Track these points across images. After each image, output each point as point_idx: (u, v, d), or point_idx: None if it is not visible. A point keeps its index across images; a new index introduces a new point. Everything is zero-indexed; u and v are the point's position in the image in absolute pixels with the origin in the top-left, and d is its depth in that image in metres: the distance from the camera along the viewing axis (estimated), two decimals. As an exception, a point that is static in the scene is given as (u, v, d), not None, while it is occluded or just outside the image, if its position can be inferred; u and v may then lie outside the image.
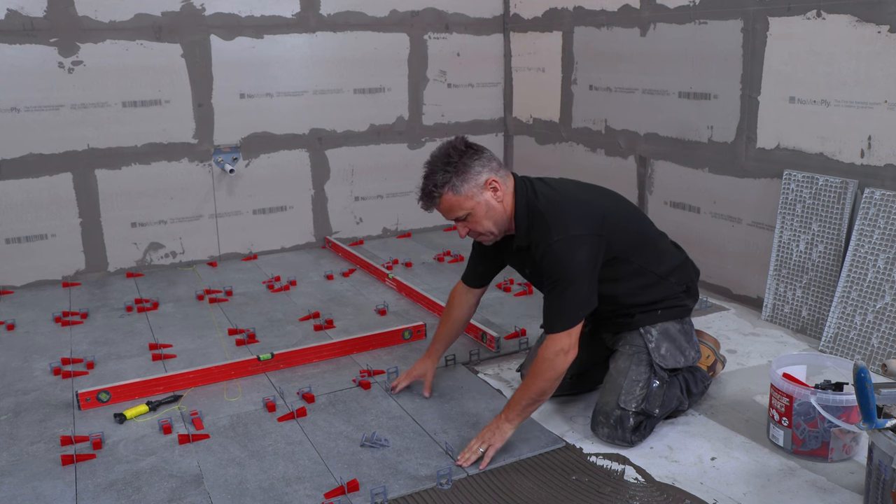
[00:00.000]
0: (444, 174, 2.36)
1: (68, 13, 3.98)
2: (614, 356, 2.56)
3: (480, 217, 2.39)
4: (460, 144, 2.41)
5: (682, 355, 2.51)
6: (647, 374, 2.44)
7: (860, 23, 2.96)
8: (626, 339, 2.55)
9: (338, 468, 2.32)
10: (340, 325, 3.50)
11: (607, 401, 2.42)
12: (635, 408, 2.38)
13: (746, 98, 3.46)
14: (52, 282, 4.19)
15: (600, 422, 2.42)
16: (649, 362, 2.46)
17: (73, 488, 2.26)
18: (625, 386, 2.42)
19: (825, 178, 3.14)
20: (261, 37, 4.42)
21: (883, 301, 2.89)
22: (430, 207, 2.42)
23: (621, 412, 2.38)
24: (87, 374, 3.04)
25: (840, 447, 2.29)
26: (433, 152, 2.45)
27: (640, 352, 2.49)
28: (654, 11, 3.91)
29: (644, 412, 2.39)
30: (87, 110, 4.11)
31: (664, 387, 2.46)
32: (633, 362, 2.47)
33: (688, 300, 2.59)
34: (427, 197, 2.39)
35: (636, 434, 2.40)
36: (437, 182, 2.36)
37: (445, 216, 2.43)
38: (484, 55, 5.10)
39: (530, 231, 2.39)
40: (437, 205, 2.40)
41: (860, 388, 1.81)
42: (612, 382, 2.46)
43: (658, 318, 2.52)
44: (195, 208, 4.46)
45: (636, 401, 2.39)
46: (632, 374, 2.44)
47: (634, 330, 2.54)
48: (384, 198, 4.98)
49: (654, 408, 2.42)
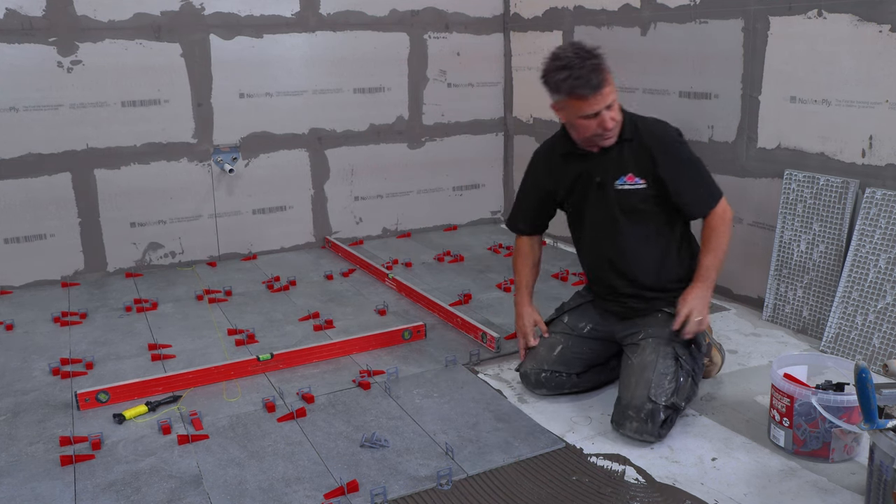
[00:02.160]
0: (594, 57, 2.41)
1: (67, 12, 3.97)
2: (634, 349, 2.55)
3: (618, 108, 2.49)
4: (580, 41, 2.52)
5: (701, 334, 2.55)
6: (674, 367, 2.45)
7: (861, 22, 2.95)
8: (645, 331, 2.56)
9: (337, 469, 2.32)
10: (340, 325, 3.50)
11: (637, 395, 2.40)
12: (665, 401, 2.38)
13: (747, 98, 3.46)
14: (51, 282, 4.18)
15: (630, 416, 2.39)
16: (675, 356, 2.47)
17: (72, 489, 2.25)
18: (654, 379, 2.41)
19: (826, 178, 3.13)
20: (260, 36, 4.42)
21: (884, 301, 2.88)
22: (597, 90, 2.39)
23: (653, 406, 2.37)
24: (87, 374, 3.04)
25: (841, 447, 2.28)
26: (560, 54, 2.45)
27: (664, 343, 2.49)
28: (654, 11, 3.90)
29: (673, 406, 2.40)
30: (87, 110, 4.10)
31: (689, 379, 2.47)
32: (659, 355, 2.46)
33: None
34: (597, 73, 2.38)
35: (664, 428, 2.39)
36: (598, 62, 2.40)
37: (602, 101, 2.42)
38: (484, 55, 5.09)
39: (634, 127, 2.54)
40: (604, 85, 2.40)
41: (861, 388, 1.81)
42: (639, 376, 2.44)
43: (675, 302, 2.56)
44: (194, 208, 4.45)
45: (666, 394, 2.39)
46: (660, 366, 2.44)
47: (653, 314, 2.58)
48: (384, 198, 4.97)
49: (682, 400, 2.43)
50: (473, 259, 4.49)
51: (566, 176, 2.67)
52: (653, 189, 2.53)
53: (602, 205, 2.60)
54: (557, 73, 2.41)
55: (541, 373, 2.68)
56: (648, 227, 2.58)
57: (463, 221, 5.25)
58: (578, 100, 2.41)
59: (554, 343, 2.72)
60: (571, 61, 2.39)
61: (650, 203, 2.55)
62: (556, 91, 2.45)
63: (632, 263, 2.60)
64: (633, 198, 2.55)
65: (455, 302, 3.70)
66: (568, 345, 2.70)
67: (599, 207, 2.61)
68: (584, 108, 2.43)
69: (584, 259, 2.80)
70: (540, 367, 2.68)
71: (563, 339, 2.72)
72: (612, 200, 2.57)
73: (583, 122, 2.47)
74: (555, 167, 2.70)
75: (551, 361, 2.68)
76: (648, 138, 2.52)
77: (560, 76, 2.41)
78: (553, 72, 2.43)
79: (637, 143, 2.53)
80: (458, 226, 5.23)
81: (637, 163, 2.53)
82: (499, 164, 5.31)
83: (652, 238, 2.59)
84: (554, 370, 2.67)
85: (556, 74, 2.42)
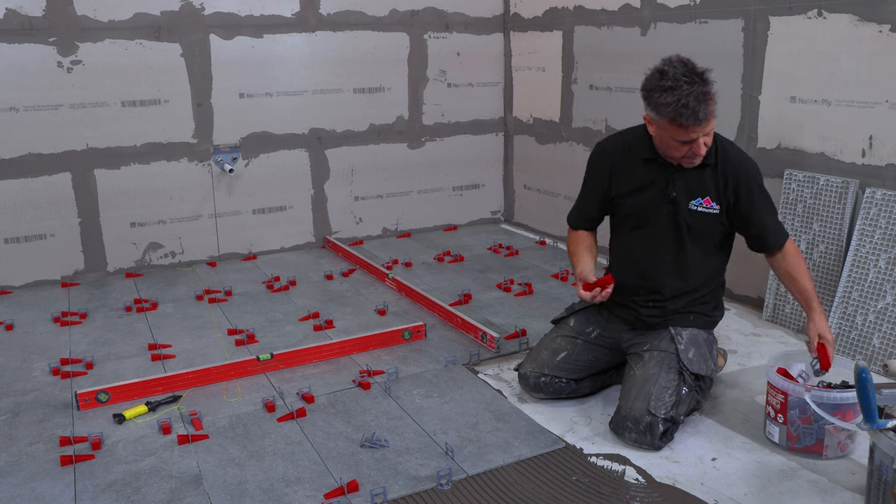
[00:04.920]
0: (703, 83, 2.29)
1: (67, 12, 3.97)
2: (638, 359, 2.54)
3: (712, 134, 2.42)
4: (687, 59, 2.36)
5: (706, 364, 2.53)
6: (676, 380, 2.44)
7: (861, 22, 2.95)
8: (651, 343, 2.55)
9: (337, 469, 2.31)
10: (340, 325, 3.50)
11: (636, 406, 2.39)
12: (664, 414, 2.37)
13: (747, 97, 3.45)
14: (51, 282, 4.18)
15: (629, 427, 2.39)
16: (679, 370, 2.46)
17: (72, 489, 2.25)
18: (655, 392, 2.40)
19: (826, 178, 3.13)
20: (260, 36, 4.41)
21: (884, 301, 2.88)
22: (706, 119, 2.30)
23: (651, 419, 2.36)
24: (86, 374, 3.03)
25: (835, 444, 2.29)
26: (667, 72, 2.31)
27: (669, 357, 2.48)
28: (654, 11, 3.90)
29: (672, 419, 2.39)
30: (87, 110, 4.10)
31: (692, 394, 2.47)
32: (662, 368, 2.45)
33: (717, 313, 2.67)
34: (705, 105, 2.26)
35: (663, 440, 2.39)
36: (707, 90, 2.28)
37: (702, 131, 2.32)
38: (484, 55, 5.09)
39: (717, 153, 2.47)
40: (710, 118, 2.30)
41: (861, 388, 1.81)
42: (640, 388, 2.43)
43: (690, 322, 2.57)
44: (194, 208, 4.45)
45: (665, 407, 2.38)
46: (662, 380, 2.42)
47: (663, 331, 2.56)
48: (384, 198, 4.97)
49: (681, 414, 2.42)
50: (473, 259, 4.49)
51: (638, 178, 2.57)
52: (723, 216, 2.51)
53: (670, 220, 2.53)
54: (662, 95, 2.28)
55: (541, 377, 2.66)
56: (705, 250, 2.56)
57: (463, 221, 5.25)
58: (679, 127, 2.31)
59: (558, 348, 2.68)
60: (679, 84, 2.26)
61: (717, 228, 2.53)
62: (656, 111, 2.33)
63: (675, 281, 2.56)
64: (702, 220, 2.51)
65: (455, 302, 3.70)
66: (572, 351, 2.66)
67: (665, 220, 2.54)
68: (682, 136, 2.34)
69: (624, 260, 2.66)
70: (540, 371, 2.66)
71: (569, 345, 2.68)
72: (682, 218, 2.51)
73: (675, 143, 2.38)
74: (627, 167, 2.59)
75: (553, 366, 2.66)
76: (732, 168, 2.47)
77: (665, 99, 2.28)
78: (657, 91, 2.30)
79: (720, 169, 2.47)
80: (458, 226, 5.23)
81: (716, 188, 2.48)
82: (499, 164, 5.31)
83: (700, 260, 2.56)
84: (554, 375, 2.65)
85: (660, 95, 2.29)
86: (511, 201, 5.32)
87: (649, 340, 2.56)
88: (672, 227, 2.53)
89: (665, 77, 2.30)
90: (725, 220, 2.52)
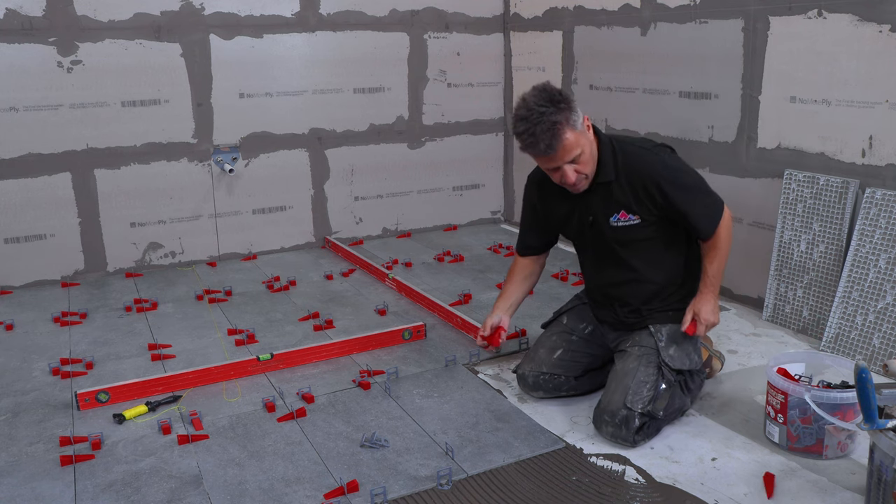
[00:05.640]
0: (557, 112, 2.26)
1: (67, 12, 3.97)
2: (621, 355, 2.56)
3: (588, 156, 2.38)
4: (550, 86, 2.34)
5: (688, 358, 2.52)
6: (655, 375, 2.44)
7: (861, 22, 2.95)
8: (633, 340, 2.56)
9: (337, 469, 2.31)
10: (340, 325, 3.50)
11: (613, 400, 2.41)
12: (641, 409, 2.37)
13: (747, 98, 3.45)
14: (50, 282, 4.18)
15: (605, 420, 2.41)
16: (658, 364, 2.47)
17: (72, 489, 2.25)
18: (632, 386, 2.41)
19: (826, 178, 3.13)
20: (260, 36, 4.41)
21: (884, 301, 2.88)
22: (552, 150, 2.29)
23: (627, 412, 2.37)
24: (86, 374, 3.03)
25: (835, 444, 2.29)
26: (526, 99, 2.31)
27: (649, 353, 2.49)
28: (654, 11, 3.90)
29: (649, 414, 2.39)
30: (86, 110, 4.10)
31: (671, 389, 2.46)
32: (641, 363, 2.46)
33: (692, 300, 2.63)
34: (550, 135, 2.24)
35: (640, 434, 2.39)
36: (558, 120, 2.25)
37: (559, 160, 2.33)
38: (484, 55, 5.09)
39: (616, 165, 2.43)
40: (560, 145, 2.28)
41: (861, 388, 1.81)
42: (619, 382, 2.45)
43: (669, 319, 2.56)
44: (194, 208, 4.45)
45: (643, 402, 2.38)
46: (640, 374, 2.44)
47: (644, 329, 2.56)
48: (384, 198, 4.97)
49: (659, 410, 2.41)
50: (473, 259, 4.49)
51: (560, 207, 2.62)
52: (649, 220, 2.49)
53: (600, 240, 2.57)
54: (517, 124, 2.32)
55: (539, 375, 2.67)
56: (649, 255, 2.55)
57: (463, 221, 5.25)
58: (535, 156, 2.38)
59: (554, 346, 2.71)
60: (531, 113, 2.27)
61: (649, 231, 2.51)
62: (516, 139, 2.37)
63: (634, 289, 2.58)
64: (629, 232, 2.51)
65: (455, 302, 3.70)
66: (569, 349, 2.69)
67: (597, 241, 2.58)
68: (544, 164, 2.40)
69: (586, 277, 2.77)
70: (539, 370, 2.67)
71: (564, 342, 2.71)
72: (608, 237, 2.54)
73: (548, 171, 2.43)
74: (550, 198, 2.65)
75: (550, 364, 2.67)
76: (636, 175, 2.43)
77: (518, 128, 2.31)
78: (514, 119, 2.34)
79: (624, 181, 2.45)
80: (458, 226, 5.22)
81: (627, 199, 2.46)
82: (499, 164, 5.31)
83: (651, 265, 2.56)
84: (553, 373, 2.66)
85: (516, 124, 2.33)
86: (511, 201, 5.32)
87: (632, 338, 2.59)
88: (605, 247, 2.57)
89: (523, 105, 2.32)
90: (655, 222, 2.49)
